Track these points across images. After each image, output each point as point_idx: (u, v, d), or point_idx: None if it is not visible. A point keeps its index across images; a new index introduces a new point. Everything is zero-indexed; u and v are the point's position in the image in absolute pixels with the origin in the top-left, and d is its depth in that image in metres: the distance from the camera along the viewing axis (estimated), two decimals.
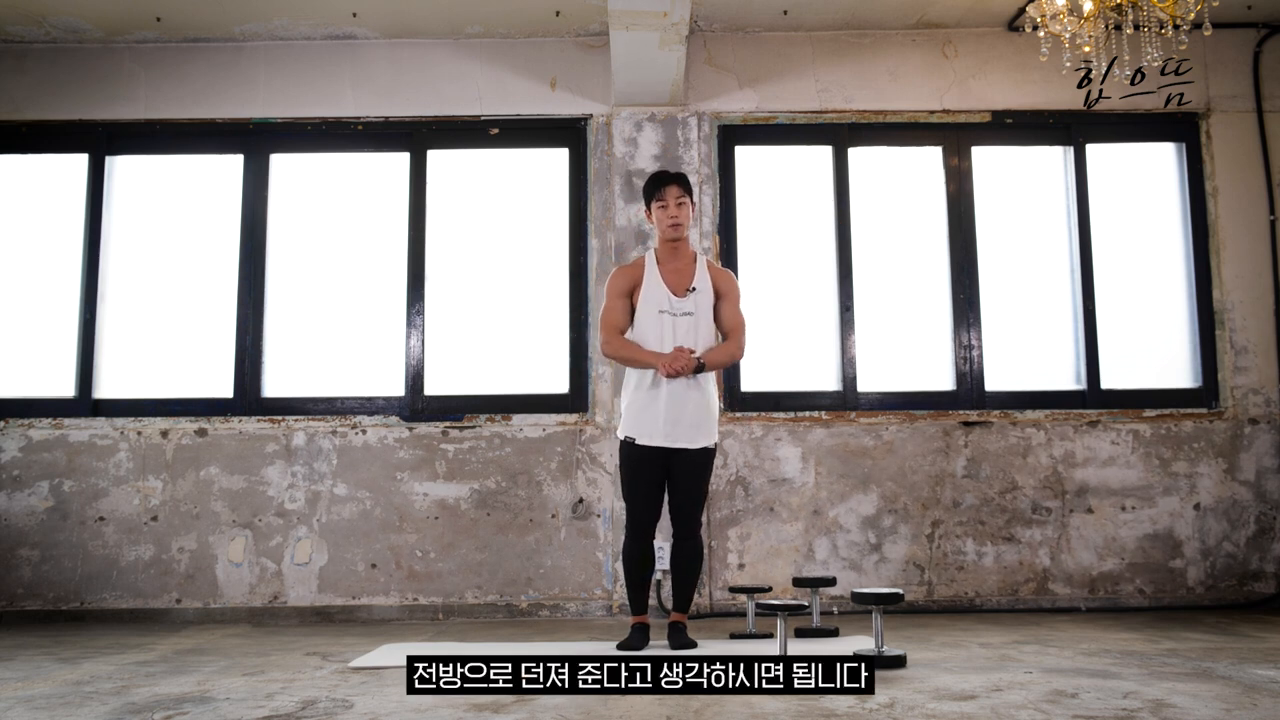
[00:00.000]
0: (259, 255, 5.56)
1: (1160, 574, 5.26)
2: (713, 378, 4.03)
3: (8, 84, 5.58)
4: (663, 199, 4.01)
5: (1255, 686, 3.05)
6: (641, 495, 3.94)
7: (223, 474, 5.29)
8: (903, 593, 3.58)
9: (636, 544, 3.93)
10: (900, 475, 5.28)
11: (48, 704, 3.01)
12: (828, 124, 5.61)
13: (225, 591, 5.21)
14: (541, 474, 5.28)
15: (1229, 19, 5.43)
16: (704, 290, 4.03)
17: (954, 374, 5.48)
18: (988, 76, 5.60)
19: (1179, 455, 5.34)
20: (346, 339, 5.54)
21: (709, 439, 3.97)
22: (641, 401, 3.94)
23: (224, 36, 5.58)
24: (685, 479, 3.94)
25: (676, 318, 3.97)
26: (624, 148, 5.45)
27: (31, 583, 5.20)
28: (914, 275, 5.59)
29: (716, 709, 2.76)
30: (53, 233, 5.60)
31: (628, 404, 3.99)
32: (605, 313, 4.05)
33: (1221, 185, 5.54)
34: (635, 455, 3.94)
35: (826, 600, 5.09)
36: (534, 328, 5.52)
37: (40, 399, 5.43)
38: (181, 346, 5.53)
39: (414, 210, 5.58)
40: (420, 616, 5.18)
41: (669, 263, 4.06)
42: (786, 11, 5.42)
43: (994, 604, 5.20)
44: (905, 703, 2.84)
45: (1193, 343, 5.55)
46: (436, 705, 2.87)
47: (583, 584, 5.21)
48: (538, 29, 5.54)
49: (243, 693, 3.13)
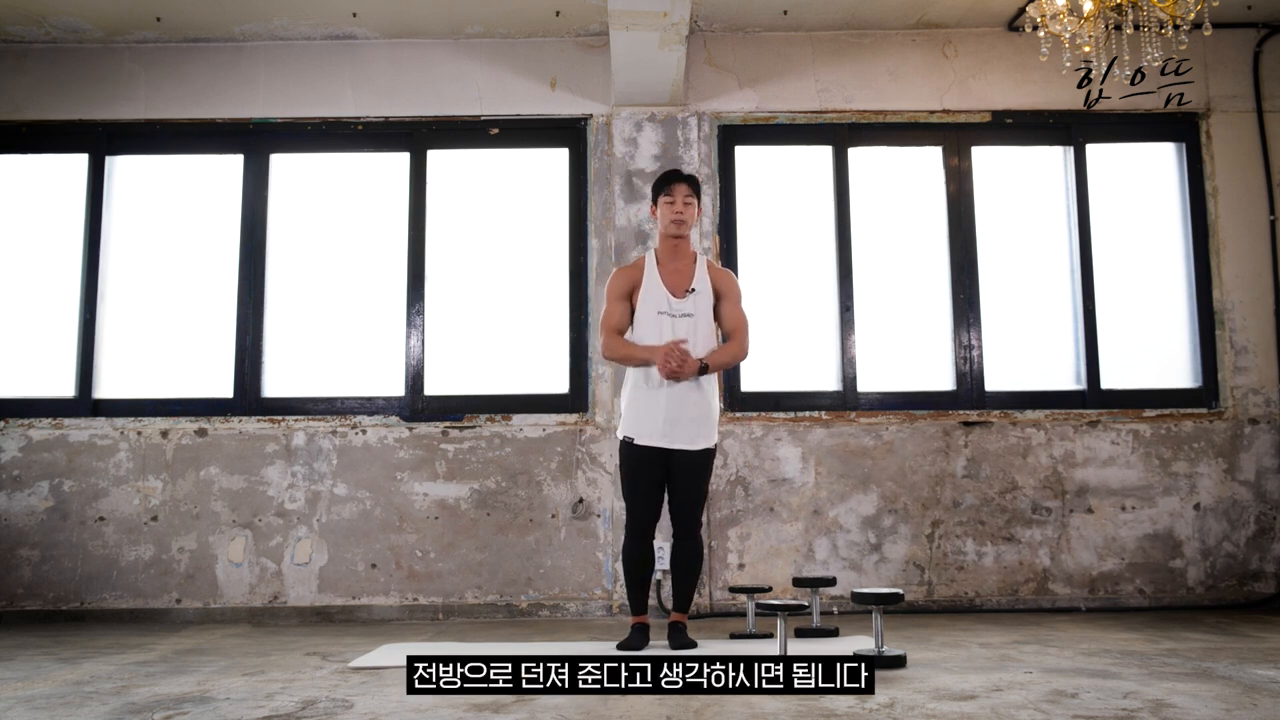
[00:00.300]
0: (259, 255, 5.56)
1: (1160, 574, 5.26)
2: (714, 378, 4.02)
3: (8, 84, 5.59)
4: (671, 195, 4.02)
5: (1255, 686, 3.05)
6: (641, 495, 3.93)
7: (223, 474, 5.29)
8: (903, 593, 3.58)
9: (636, 544, 3.93)
10: (900, 475, 5.28)
11: (48, 704, 3.01)
12: (828, 124, 5.61)
13: (225, 591, 5.21)
14: (541, 474, 5.28)
15: (1229, 19, 5.43)
16: (703, 291, 4.02)
17: (954, 374, 5.48)
18: (988, 76, 5.60)
19: (1179, 455, 5.34)
20: (346, 339, 5.54)
21: (709, 440, 3.96)
22: (641, 401, 3.93)
23: (224, 36, 5.58)
24: (685, 479, 3.94)
25: (676, 319, 3.96)
26: (624, 148, 5.45)
27: (31, 583, 5.20)
28: (914, 275, 5.59)
29: (716, 709, 2.76)
30: (53, 233, 5.60)
31: (628, 404, 3.98)
32: (605, 316, 4.05)
33: (1221, 185, 5.54)
34: (635, 455, 3.93)
35: (826, 600, 5.09)
36: (534, 328, 5.52)
37: (40, 399, 5.43)
38: (181, 346, 5.53)
39: (414, 210, 5.58)
40: (420, 616, 5.18)
41: (669, 263, 4.05)
42: (786, 11, 5.42)
43: (994, 604, 5.20)
44: (905, 703, 2.84)
45: (1193, 343, 5.55)
46: (436, 705, 2.87)
47: (583, 584, 5.21)
48: (538, 29, 5.54)
49: (243, 693, 3.13)
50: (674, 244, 4.06)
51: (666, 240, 4.07)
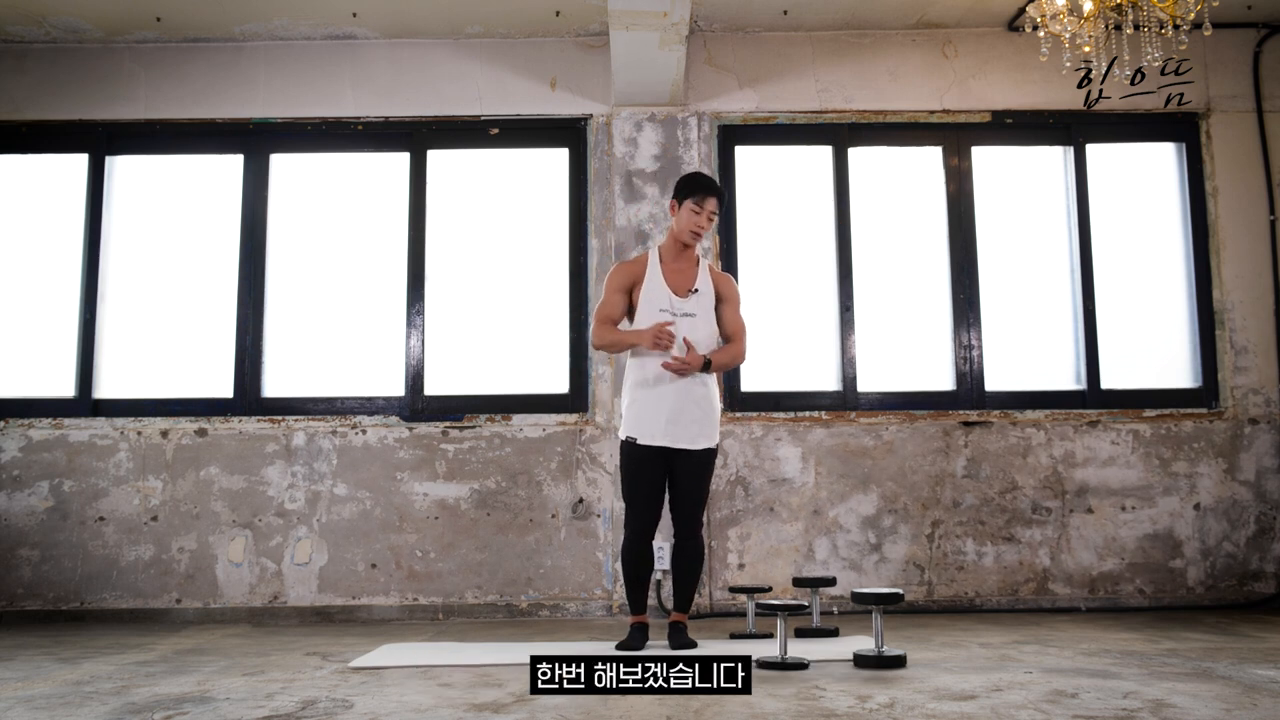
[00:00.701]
0: (259, 255, 5.56)
1: (1160, 574, 5.26)
2: (714, 377, 4.02)
3: (8, 84, 5.59)
4: (700, 206, 3.98)
5: (1255, 686, 3.05)
6: (642, 496, 3.93)
7: (223, 474, 5.29)
8: (903, 593, 3.57)
9: (636, 544, 3.91)
10: (900, 475, 5.28)
11: (48, 704, 3.01)
12: (828, 124, 5.61)
13: (225, 591, 5.21)
14: (541, 474, 5.28)
15: (1229, 19, 5.43)
16: (706, 292, 4.02)
17: (954, 374, 5.48)
18: (988, 76, 5.60)
19: (1179, 455, 5.34)
20: (346, 339, 5.54)
21: (711, 439, 3.96)
22: (643, 401, 3.92)
23: (224, 36, 5.58)
24: (687, 480, 3.93)
25: (677, 318, 3.95)
26: (624, 148, 5.45)
27: (31, 583, 5.20)
28: (914, 275, 5.59)
29: (716, 709, 2.76)
30: (53, 233, 5.60)
31: (629, 403, 3.97)
32: (600, 305, 4.03)
33: (1221, 185, 5.54)
34: (636, 455, 3.92)
35: (826, 600, 5.09)
36: (534, 328, 5.52)
37: (40, 399, 5.43)
38: (181, 346, 5.53)
39: (414, 210, 5.58)
40: (420, 616, 5.18)
41: (673, 262, 4.04)
42: (786, 11, 5.42)
43: (994, 604, 5.20)
44: (905, 703, 2.84)
45: (1193, 343, 5.55)
46: (436, 705, 2.87)
47: (583, 584, 5.21)
48: (538, 29, 5.54)
49: (243, 693, 3.13)
50: (681, 246, 4.05)
51: (675, 242, 4.05)
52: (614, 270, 4.08)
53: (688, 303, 3.97)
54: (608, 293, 4.04)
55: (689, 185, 4.02)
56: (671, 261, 4.04)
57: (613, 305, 4.02)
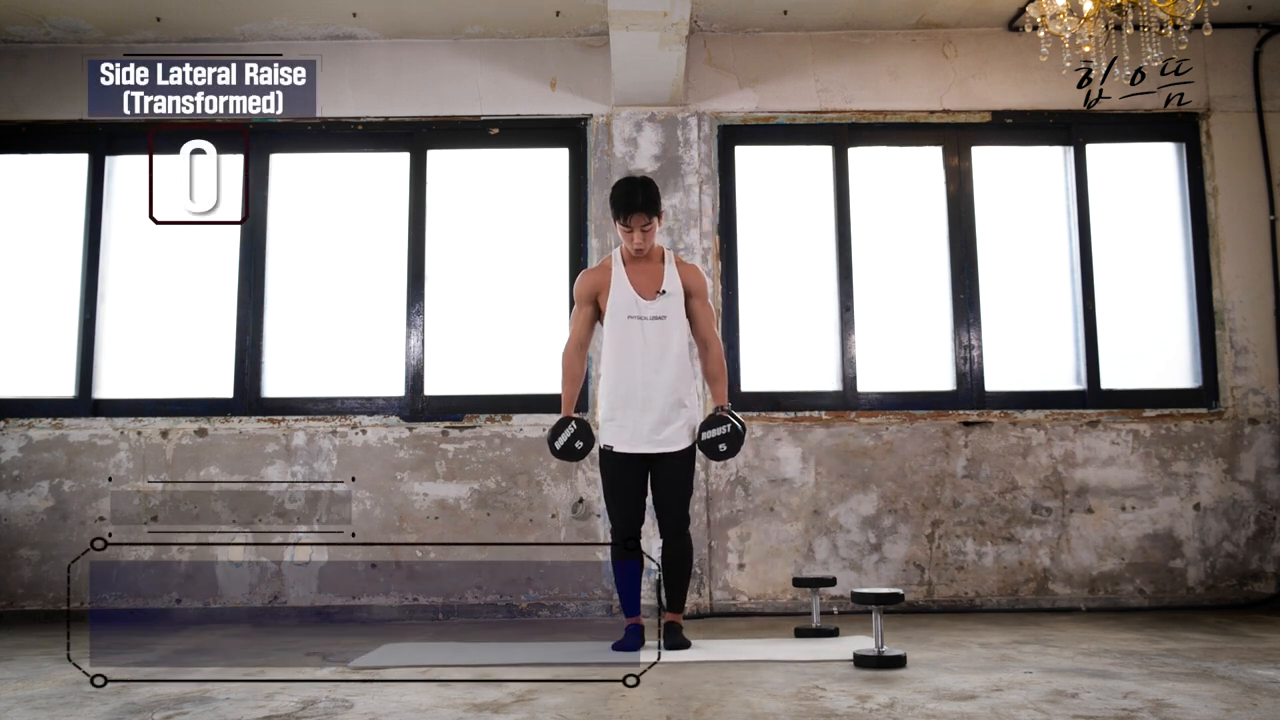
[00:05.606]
0: (259, 255, 5.55)
1: (1160, 574, 5.26)
2: (687, 377, 3.95)
3: (8, 84, 5.58)
4: (628, 224, 3.88)
5: (1255, 686, 3.05)
6: (625, 502, 3.91)
7: (223, 474, 5.29)
8: (903, 593, 3.57)
9: (624, 550, 3.91)
10: (900, 475, 5.28)
11: (48, 704, 3.01)
12: (828, 124, 5.61)
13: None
14: (541, 474, 5.28)
15: (1229, 19, 5.42)
16: (675, 292, 3.94)
17: (954, 374, 5.48)
18: (988, 76, 5.60)
19: (1179, 455, 5.34)
20: (346, 339, 5.54)
21: (688, 440, 3.94)
22: (618, 408, 3.91)
23: (224, 36, 5.57)
24: (667, 481, 3.92)
25: (646, 321, 3.89)
26: (624, 148, 5.45)
27: (31, 583, 5.20)
28: (914, 275, 5.59)
29: (716, 709, 2.76)
30: (53, 233, 5.59)
31: (605, 413, 3.96)
32: (572, 319, 4.04)
33: (1221, 185, 5.54)
34: (615, 463, 3.91)
35: (826, 600, 5.09)
36: (534, 328, 5.52)
37: (40, 399, 5.43)
38: (181, 346, 5.52)
39: (414, 210, 5.58)
40: (420, 616, 5.18)
41: (636, 263, 3.97)
42: (786, 11, 5.42)
43: (994, 604, 5.20)
44: (905, 703, 2.84)
45: (1193, 343, 5.54)
46: (436, 705, 2.87)
47: (582, 584, 5.21)
48: (538, 29, 5.54)
49: (243, 693, 3.13)
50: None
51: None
52: (579, 279, 4.04)
53: (655, 304, 3.91)
54: (576, 305, 4.02)
55: (612, 205, 3.92)
56: (635, 262, 3.97)
57: (579, 320, 3.99)
